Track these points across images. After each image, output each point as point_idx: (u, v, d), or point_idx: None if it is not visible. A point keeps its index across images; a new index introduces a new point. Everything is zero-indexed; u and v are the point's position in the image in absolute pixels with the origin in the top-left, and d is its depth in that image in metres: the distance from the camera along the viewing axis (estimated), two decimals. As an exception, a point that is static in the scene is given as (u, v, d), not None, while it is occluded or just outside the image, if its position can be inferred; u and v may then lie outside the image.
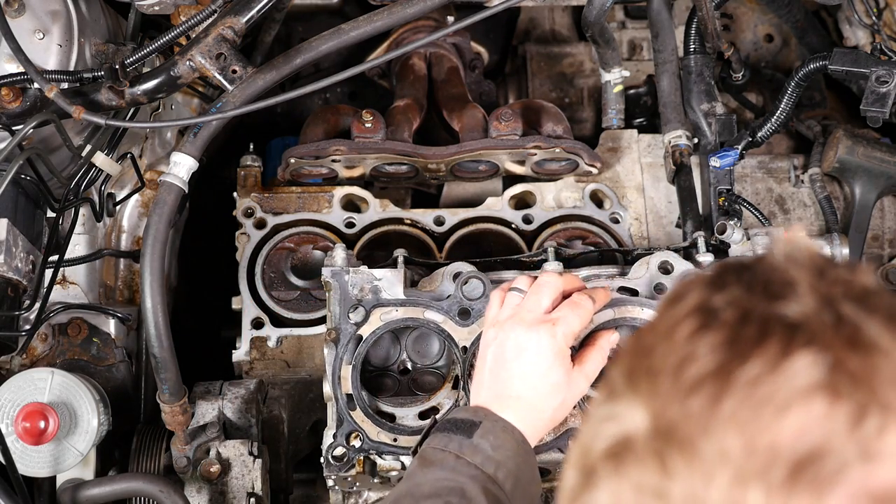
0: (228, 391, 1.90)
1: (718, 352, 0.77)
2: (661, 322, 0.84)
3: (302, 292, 2.06)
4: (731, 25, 2.65)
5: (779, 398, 0.73)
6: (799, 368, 0.73)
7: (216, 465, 1.83)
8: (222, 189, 2.26)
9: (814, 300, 0.79)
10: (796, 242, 0.87)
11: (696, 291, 0.84)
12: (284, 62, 1.77)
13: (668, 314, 0.84)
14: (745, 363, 0.75)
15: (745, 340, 0.76)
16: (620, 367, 0.85)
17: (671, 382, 0.77)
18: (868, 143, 2.23)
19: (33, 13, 1.74)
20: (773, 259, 0.85)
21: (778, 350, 0.75)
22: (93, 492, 1.80)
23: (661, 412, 0.77)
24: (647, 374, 0.80)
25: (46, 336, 1.98)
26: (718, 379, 0.75)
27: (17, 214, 1.73)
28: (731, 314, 0.79)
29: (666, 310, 0.85)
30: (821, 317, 0.77)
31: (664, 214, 2.19)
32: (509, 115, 2.06)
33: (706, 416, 0.74)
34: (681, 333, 0.80)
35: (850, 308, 0.78)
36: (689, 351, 0.78)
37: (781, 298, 0.79)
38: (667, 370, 0.78)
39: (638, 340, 0.86)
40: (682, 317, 0.81)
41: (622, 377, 0.84)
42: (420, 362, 1.78)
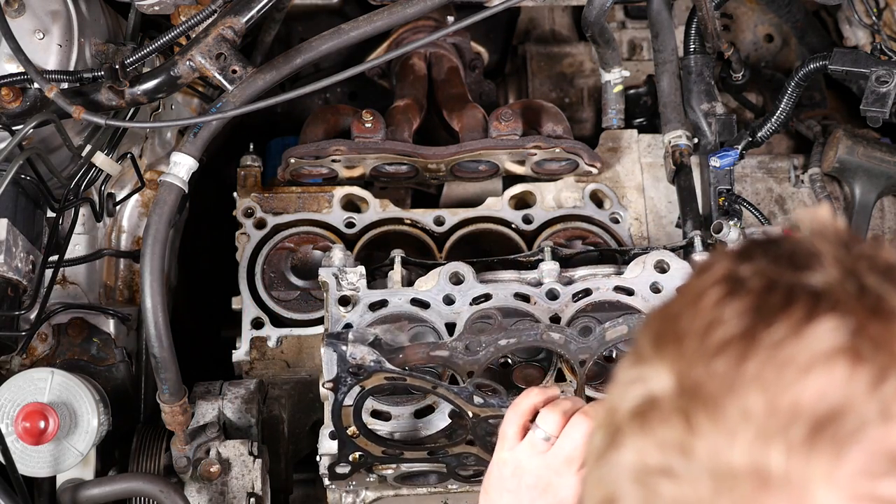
0: (228, 391, 1.90)
1: (744, 317, 0.78)
2: (688, 290, 0.86)
3: (302, 292, 2.06)
4: (731, 25, 2.65)
5: (801, 360, 0.74)
6: (822, 332, 0.75)
7: (216, 465, 1.83)
8: (222, 189, 2.26)
9: (838, 271, 0.80)
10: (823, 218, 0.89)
11: (723, 262, 0.85)
12: (284, 62, 1.77)
13: (696, 283, 0.85)
14: (769, 327, 0.77)
15: (770, 306, 0.78)
16: (647, 333, 0.87)
17: (697, 344, 0.79)
18: (868, 143, 2.23)
19: (33, 13, 1.74)
20: (800, 234, 0.87)
21: (802, 315, 0.76)
22: (93, 492, 1.80)
23: (687, 372, 0.79)
24: (673, 337, 0.82)
25: (46, 336, 1.98)
26: (743, 341, 0.77)
27: (17, 214, 1.73)
28: (757, 282, 0.81)
29: (693, 279, 0.87)
30: (844, 286, 0.79)
31: (664, 214, 2.19)
32: (509, 115, 2.06)
33: (730, 377, 0.76)
34: (708, 300, 0.82)
35: (873, 279, 0.79)
36: (715, 316, 0.80)
37: (807, 268, 0.81)
38: (693, 333, 0.80)
39: (665, 308, 0.88)
40: (710, 285, 0.83)
41: (649, 342, 0.85)
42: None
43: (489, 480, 1.44)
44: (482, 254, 2.05)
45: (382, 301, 1.75)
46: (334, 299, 1.73)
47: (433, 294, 1.76)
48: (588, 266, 1.83)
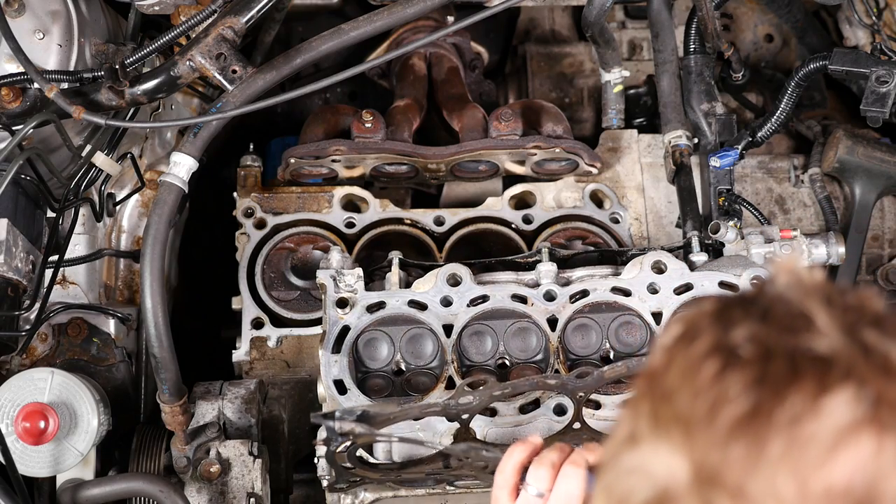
0: (228, 391, 1.90)
1: (750, 391, 0.75)
2: (675, 364, 0.82)
3: (302, 292, 2.06)
4: (731, 25, 2.65)
5: (825, 437, 0.71)
6: (839, 404, 0.72)
7: (216, 465, 1.83)
8: (222, 189, 2.26)
9: (835, 330, 0.77)
10: (798, 270, 0.86)
11: (706, 330, 0.81)
12: (284, 62, 1.77)
13: (682, 356, 0.81)
14: (783, 402, 0.73)
15: (775, 378, 0.75)
16: (641, 413, 0.82)
17: (706, 427, 0.75)
18: (868, 143, 2.23)
19: (33, 13, 1.74)
20: (778, 290, 0.83)
21: (814, 386, 0.73)
22: (93, 492, 1.80)
23: (702, 459, 0.75)
24: (675, 419, 0.78)
25: (46, 336, 1.98)
26: (757, 419, 0.73)
27: (17, 214, 1.73)
28: (752, 350, 0.77)
29: (677, 351, 0.82)
30: (848, 348, 0.76)
31: (664, 214, 2.20)
32: (509, 115, 2.06)
33: (752, 460, 0.73)
34: (704, 375, 0.77)
35: (873, 336, 0.77)
36: (718, 393, 0.76)
37: (802, 330, 0.77)
38: (699, 415, 0.76)
39: (655, 383, 0.83)
40: (701, 357, 0.79)
41: (646, 423, 0.81)
42: (413, 363, 1.78)
43: None
44: (482, 254, 2.05)
45: (380, 303, 1.75)
46: (332, 301, 1.73)
47: (431, 296, 1.76)
48: (586, 267, 1.83)
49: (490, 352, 1.79)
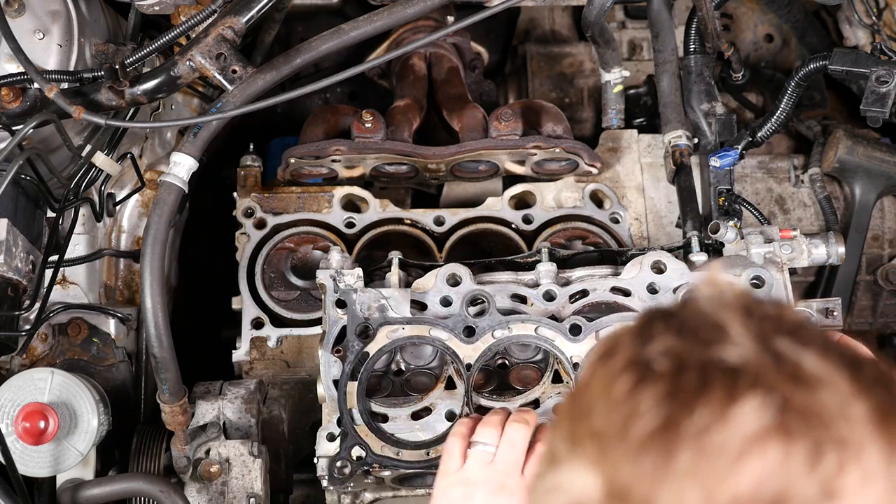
0: (228, 391, 1.90)
1: (662, 405, 0.74)
2: (594, 381, 0.81)
3: (302, 292, 2.06)
4: (731, 25, 2.65)
5: (732, 446, 0.71)
6: (747, 413, 0.71)
7: (216, 465, 1.83)
8: (222, 189, 2.26)
9: (748, 340, 0.76)
10: (719, 282, 0.85)
11: (625, 345, 0.81)
12: (284, 62, 1.77)
13: (601, 372, 0.81)
14: (691, 414, 0.72)
15: (686, 390, 0.74)
16: (559, 433, 0.82)
17: (618, 442, 0.75)
18: (868, 143, 2.24)
19: (33, 13, 1.74)
20: (698, 302, 0.83)
21: (723, 396, 0.73)
22: (93, 492, 1.80)
23: (613, 474, 0.74)
24: (590, 436, 0.78)
25: (46, 336, 1.98)
26: (667, 433, 0.73)
27: (17, 214, 1.73)
28: (666, 364, 0.77)
29: (597, 367, 0.82)
30: (759, 356, 0.75)
31: (664, 214, 2.19)
32: (509, 115, 2.06)
33: (661, 473, 0.72)
34: (618, 390, 0.77)
35: (785, 344, 0.76)
36: (631, 408, 0.75)
37: (715, 342, 0.77)
38: (611, 430, 0.76)
39: (573, 402, 0.83)
40: (617, 373, 0.79)
41: (563, 443, 0.81)
42: (413, 364, 1.78)
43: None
44: (482, 254, 2.05)
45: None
46: (332, 301, 1.73)
47: (431, 296, 1.76)
48: (585, 267, 1.83)
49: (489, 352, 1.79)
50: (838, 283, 2.24)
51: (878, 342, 2.37)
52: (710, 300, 0.83)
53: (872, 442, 0.71)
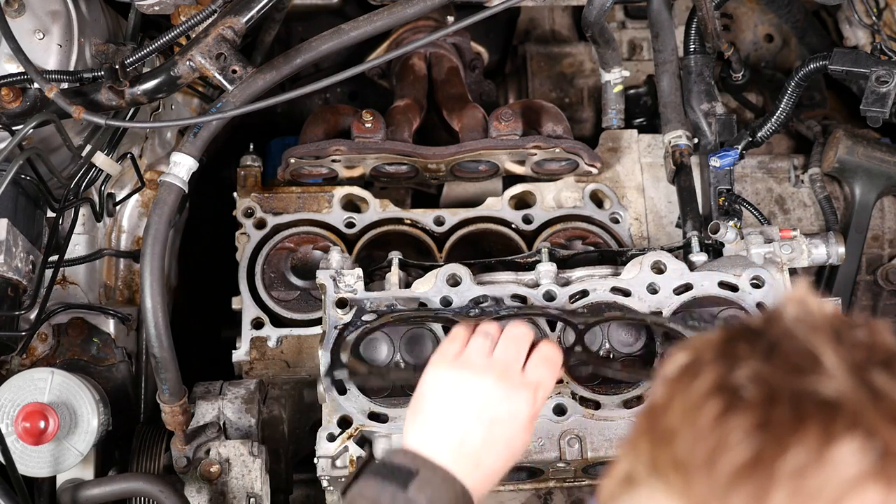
0: (228, 391, 1.90)
1: (752, 438, 0.72)
2: (676, 403, 0.78)
3: (302, 292, 2.06)
4: (731, 25, 2.65)
5: (830, 490, 0.69)
6: (846, 455, 0.70)
7: (216, 465, 1.83)
8: (222, 189, 2.26)
9: (842, 372, 0.74)
10: (808, 303, 0.83)
11: (710, 366, 0.78)
12: (284, 62, 1.77)
13: (684, 394, 0.78)
14: (785, 451, 0.71)
15: (779, 424, 0.72)
16: (640, 453, 0.80)
17: (706, 474, 0.73)
18: (868, 143, 2.24)
19: (33, 13, 1.74)
20: (786, 323, 0.80)
21: (819, 434, 0.71)
22: (93, 492, 1.80)
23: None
24: (674, 464, 0.75)
25: (46, 336, 1.98)
26: (759, 470, 0.71)
27: (17, 214, 1.73)
28: (756, 392, 0.74)
29: (678, 388, 0.79)
30: (855, 392, 0.73)
31: (664, 214, 2.19)
32: (509, 115, 2.06)
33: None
34: (705, 417, 0.75)
35: (882, 379, 0.74)
36: (718, 438, 0.73)
37: (808, 372, 0.74)
38: (698, 460, 0.73)
39: (654, 423, 0.80)
40: (703, 398, 0.76)
41: (644, 467, 0.78)
42: (413, 363, 1.78)
43: (423, 399, 1.34)
44: (482, 254, 2.05)
45: None
46: (332, 301, 1.73)
47: (431, 296, 1.76)
48: (586, 267, 1.83)
49: None
50: (838, 283, 2.24)
51: (879, 342, 2.37)
52: (797, 322, 0.80)
53: None
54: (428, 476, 1.25)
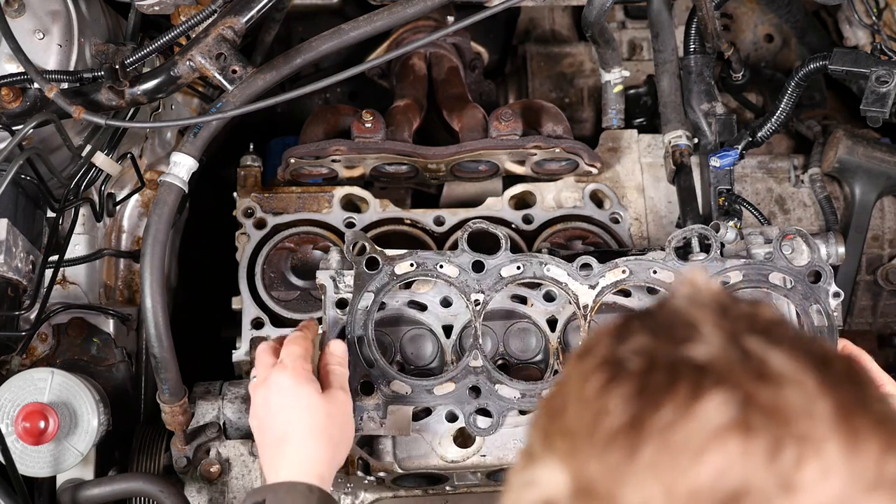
0: (228, 391, 1.90)
1: (630, 403, 0.76)
2: (570, 379, 0.83)
3: (302, 292, 2.06)
4: (731, 25, 2.66)
5: (694, 442, 0.72)
6: (710, 409, 0.73)
7: (216, 465, 1.83)
8: (222, 189, 2.26)
9: (718, 338, 0.78)
10: (698, 283, 0.87)
11: (602, 344, 0.83)
12: (284, 62, 1.77)
13: (577, 370, 0.83)
14: (657, 410, 0.74)
15: (654, 388, 0.76)
16: (536, 430, 0.84)
17: (587, 439, 0.76)
18: (868, 143, 2.24)
19: (33, 13, 1.74)
20: (675, 302, 0.85)
21: (688, 393, 0.74)
22: (93, 492, 1.80)
23: (581, 470, 0.76)
24: (561, 434, 0.79)
25: (46, 336, 1.98)
26: (633, 429, 0.74)
27: (17, 214, 1.73)
28: (638, 363, 0.78)
29: (574, 366, 0.84)
30: (727, 354, 0.77)
31: (664, 214, 2.19)
32: (509, 115, 2.06)
33: (624, 468, 0.73)
34: (590, 388, 0.79)
35: (754, 342, 0.77)
36: (600, 405, 0.77)
37: (687, 341, 0.78)
38: (581, 428, 0.77)
39: (550, 400, 0.85)
40: (591, 371, 0.80)
41: (538, 440, 0.82)
42: (413, 364, 1.78)
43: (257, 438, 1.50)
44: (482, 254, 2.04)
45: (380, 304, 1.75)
46: (332, 302, 1.73)
47: (430, 296, 1.76)
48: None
49: (490, 352, 1.79)
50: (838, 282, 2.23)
51: (878, 342, 2.37)
52: (685, 299, 0.84)
53: (833, 438, 0.72)
54: (273, 498, 1.37)
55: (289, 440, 1.44)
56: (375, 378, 1.64)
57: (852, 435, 0.73)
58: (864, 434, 0.73)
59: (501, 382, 1.66)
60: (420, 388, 1.66)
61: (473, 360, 1.67)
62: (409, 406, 1.67)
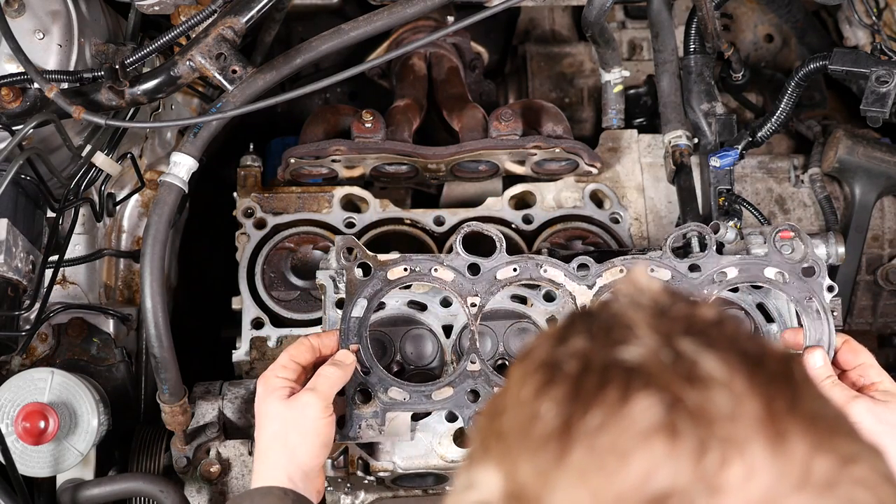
0: (228, 391, 1.90)
1: (562, 406, 0.75)
2: (510, 382, 0.83)
3: (302, 292, 2.06)
4: (731, 25, 2.65)
5: (620, 445, 0.72)
6: (637, 412, 0.73)
7: (216, 465, 1.83)
8: (222, 189, 2.26)
9: (652, 340, 0.78)
10: (638, 282, 0.86)
11: (542, 346, 0.82)
12: (284, 62, 1.77)
13: (517, 372, 0.82)
14: (586, 414, 0.74)
15: (586, 391, 0.75)
16: (477, 433, 0.84)
17: (519, 442, 0.76)
18: (868, 143, 2.24)
19: (33, 13, 1.74)
20: (615, 304, 0.84)
21: (617, 396, 0.74)
22: (93, 492, 1.80)
23: (513, 474, 0.76)
24: (497, 436, 0.79)
25: (46, 336, 1.98)
26: (563, 433, 0.74)
27: (17, 214, 1.73)
28: (573, 365, 0.78)
29: (516, 368, 0.84)
30: (658, 356, 0.76)
31: (664, 214, 2.19)
32: (509, 115, 2.06)
33: (553, 473, 0.73)
34: (527, 391, 0.79)
35: (688, 344, 0.77)
36: (534, 408, 0.77)
37: (621, 343, 0.78)
38: (515, 431, 0.77)
39: (492, 402, 0.85)
40: (529, 374, 0.80)
41: (478, 442, 0.82)
42: (413, 364, 1.78)
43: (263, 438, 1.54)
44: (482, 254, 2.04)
45: (380, 303, 1.75)
46: (331, 302, 1.73)
47: (430, 296, 1.76)
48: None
49: (490, 352, 1.79)
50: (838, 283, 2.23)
51: (878, 342, 2.37)
52: (625, 300, 0.84)
53: (758, 438, 0.72)
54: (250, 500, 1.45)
55: (258, 448, 1.54)
56: (373, 385, 1.64)
57: (778, 435, 0.72)
58: (791, 434, 0.73)
59: (500, 385, 1.66)
60: (418, 394, 1.65)
61: (471, 363, 1.66)
62: (408, 412, 1.67)
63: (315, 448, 1.51)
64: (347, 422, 1.61)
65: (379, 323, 1.77)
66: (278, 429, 1.52)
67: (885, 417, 1.51)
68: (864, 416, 1.51)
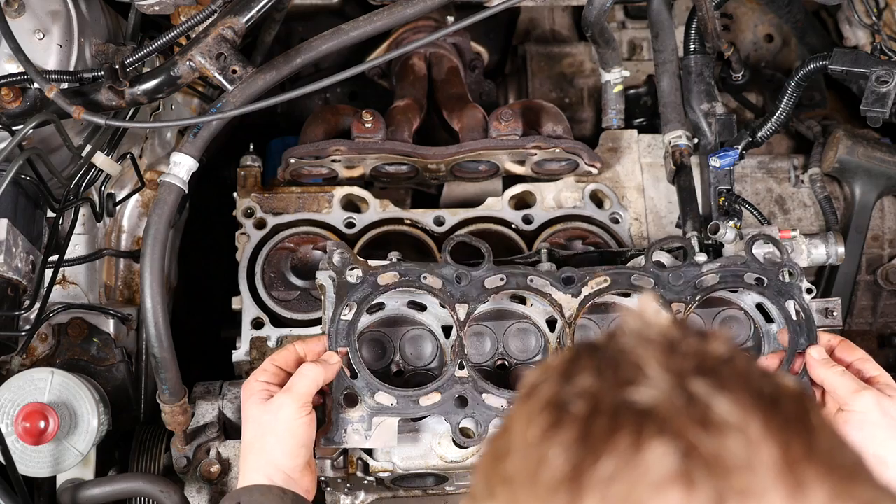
0: (228, 391, 1.90)
1: (571, 451, 0.73)
2: (515, 420, 0.80)
3: (302, 292, 2.06)
4: (731, 25, 2.65)
5: (634, 496, 0.69)
6: (651, 460, 0.70)
7: (216, 465, 1.83)
8: (222, 189, 2.26)
9: (664, 381, 0.75)
10: (646, 316, 0.83)
11: (548, 383, 0.79)
12: (284, 62, 1.77)
13: (522, 411, 0.79)
14: (598, 461, 0.71)
15: (596, 435, 0.73)
16: (480, 473, 0.81)
17: (528, 489, 0.74)
18: (868, 143, 2.24)
19: (33, 13, 1.74)
20: (622, 339, 0.81)
21: (630, 442, 0.71)
22: (93, 492, 1.80)
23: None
24: (502, 481, 0.77)
25: (46, 336, 1.98)
26: (573, 481, 0.71)
27: (17, 214, 1.73)
28: (581, 406, 0.75)
29: (520, 406, 0.81)
30: (671, 399, 0.74)
31: (664, 214, 2.19)
32: (509, 115, 2.06)
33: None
34: (533, 433, 0.76)
35: (700, 385, 0.74)
36: (542, 453, 0.74)
37: (631, 383, 0.75)
38: (522, 476, 0.75)
39: (495, 442, 0.82)
40: (535, 414, 0.77)
41: (481, 484, 0.80)
42: (413, 364, 1.78)
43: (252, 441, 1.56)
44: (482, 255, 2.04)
45: (379, 304, 1.75)
46: (331, 302, 1.73)
47: (430, 297, 1.76)
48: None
49: (489, 352, 1.79)
50: (838, 283, 2.24)
51: (878, 342, 2.37)
52: (633, 336, 0.81)
53: (777, 489, 0.70)
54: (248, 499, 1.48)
55: (241, 451, 1.57)
56: (359, 389, 1.63)
57: (797, 485, 0.70)
58: (809, 483, 0.70)
59: (488, 392, 1.65)
60: (405, 399, 1.64)
61: (459, 370, 1.66)
62: (395, 417, 1.66)
63: (292, 448, 1.52)
64: (333, 426, 1.61)
65: (378, 323, 1.77)
66: (256, 432, 1.54)
67: (891, 411, 1.51)
68: (870, 408, 1.51)
